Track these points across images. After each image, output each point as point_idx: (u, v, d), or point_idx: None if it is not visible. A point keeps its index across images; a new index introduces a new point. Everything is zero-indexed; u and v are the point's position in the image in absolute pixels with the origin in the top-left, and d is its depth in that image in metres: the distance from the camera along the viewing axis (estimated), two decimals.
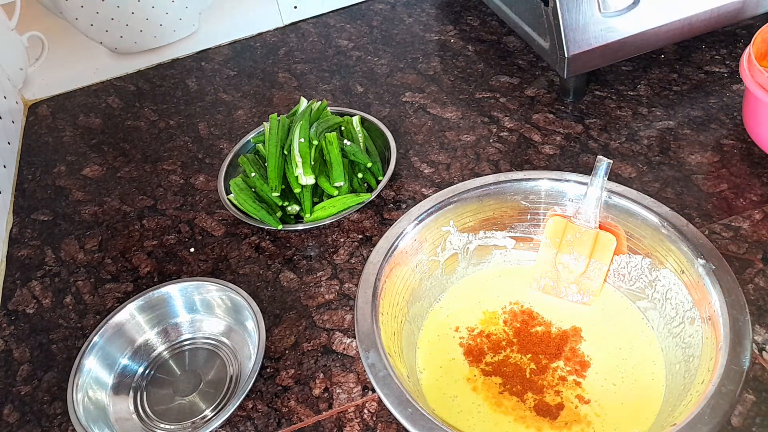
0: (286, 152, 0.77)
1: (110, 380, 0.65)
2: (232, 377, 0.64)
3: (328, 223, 0.74)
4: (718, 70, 0.85)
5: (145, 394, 0.65)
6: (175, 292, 0.69)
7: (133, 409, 0.64)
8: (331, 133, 0.78)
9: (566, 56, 0.76)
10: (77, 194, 0.88)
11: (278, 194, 0.75)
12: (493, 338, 0.62)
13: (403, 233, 0.63)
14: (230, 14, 1.07)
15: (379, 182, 0.77)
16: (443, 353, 0.61)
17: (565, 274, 0.64)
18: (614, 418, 0.55)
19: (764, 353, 0.57)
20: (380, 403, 0.60)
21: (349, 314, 0.67)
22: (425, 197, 0.67)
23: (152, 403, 0.64)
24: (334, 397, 0.61)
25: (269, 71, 1.02)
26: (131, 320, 0.68)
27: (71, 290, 0.75)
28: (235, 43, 1.09)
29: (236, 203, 0.76)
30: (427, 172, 0.80)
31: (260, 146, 0.83)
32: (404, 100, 0.91)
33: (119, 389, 0.65)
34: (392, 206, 0.77)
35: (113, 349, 0.66)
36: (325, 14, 1.11)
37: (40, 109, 1.04)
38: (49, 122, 1.01)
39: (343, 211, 0.74)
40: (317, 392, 0.61)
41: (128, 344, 0.67)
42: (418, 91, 0.92)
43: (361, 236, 0.74)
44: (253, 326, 0.64)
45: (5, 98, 0.98)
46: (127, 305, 0.67)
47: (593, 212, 0.62)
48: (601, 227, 0.63)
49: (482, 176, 0.67)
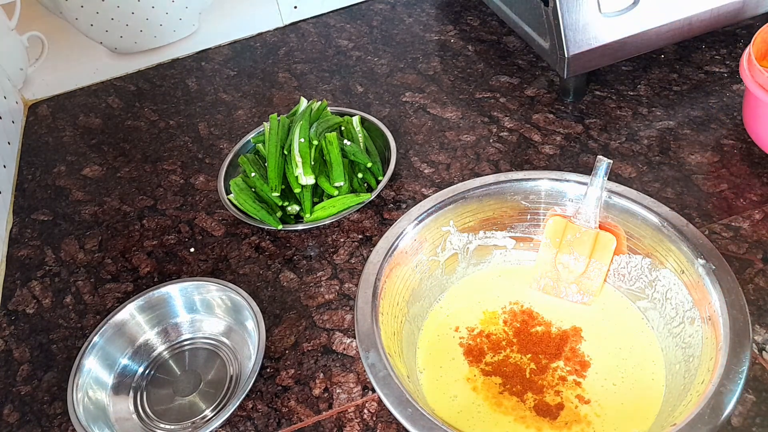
0: (286, 152, 0.77)
1: (110, 380, 0.65)
2: (232, 377, 0.64)
3: (328, 223, 0.74)
4: (718, 70, 0.85)
5: (145, 394, 0.65)
6: (175, 292, 0.69)
7: (133, 409, 0.64)
8: (331, 133, 0.78)
9: (566, 56, 0.76)
10: (77, 194, 0.88)
11: (278, 194, 0.75)
12: (493, 338, 0.62)
13: (403, 233, 0.63)
14: (230, 14, 1.07)
15: (379, 182, 0.77)
16: (443, 353, 0.61)
17: (565, 274, 0.64)
18: (614, 418, 0.55)
19: (764, 353, 0.57)
20: (380, 403, 0.60)
21: (349, 314, 0.67)
22: (425, 197, 0.67)
23: (152, 403, 0.64)
24: (334, 397, 0.61)
25: (269, 71, 1.02)
26: (131, 320, 0.68)
27: (71, 290, 0.75)
28: (235, 43, 1.09)
29: (236, 203, 0.76)
30: (427, 172, 0.80)
31: (260, 146, 0.83)
32: (404, 100, 0.91)
33: (119, 389, 0.65)
34: (392, 206, 0.77)
35: (113, 349, 0.66)
36: (325, 14, 1.11)
37: (40, 109, 1.04)
38: (49, 122, 1.01)
39: (343, 211, 0.74)
40: (317, 392, 0.61)
41: (128, 344, 0.67)
42: (418, 91, 0.92)
43: (361, 236, 0.74)
44: (253, 326, 0.64)
45: (5, 98, 0.98)
46: (127, 305, 0.68)
47: (593, 212, 0.62)
48: (601, 227, 0.63)
49: (482, 176, 0.67)
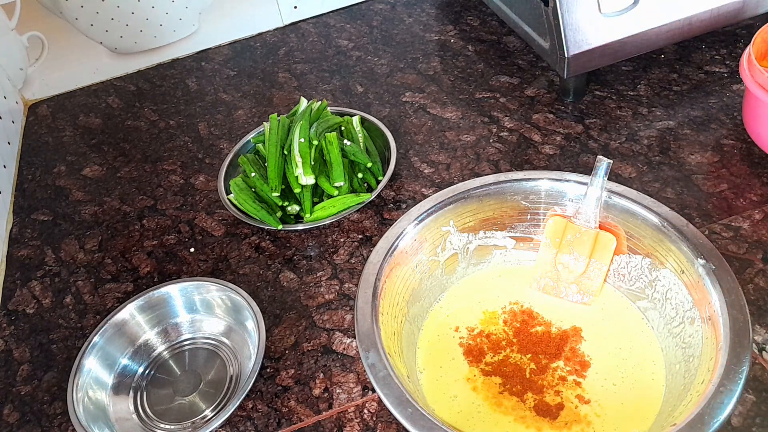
0: (286, 152, 0.77)
1: (110, 380, 0.65)
2: (232, 377, 0.64)
3: (328, 223, 0.74)
4: (718, 70, 0.85)
5: (145, 394, 0.65)
6: (175, 292, 0.69)
7: (133, 409, 0.64)
8: (331, 133, 0.78)
9: (566, 56, 0.76)
10: (77, 194, 0.88)
11: (278, 194, 0.75)
12: (493, 338, 0.62)
13: (403, 233, 0.63)
14: (230, 14, 1.07)
15: (379, 182, 0.77)
16: (443, 353, 0.61)
17: (565, 274, 0.64)
18: (614, 418, 0.55)
19: (764, 353, 0.57)
20: (380, 403, 0.60)
21: (349, 314, 0.67)
22: (425, 197, 0.67)
23: (152, 403, 0.64)
24: (334, 397, 0.61)
25: (269, 71, 1.02)
26: (131, 320, 0.68)
27: (71, 290, 0.75)
28: (235, 43, 1.09)
29: (236, 203, 0.76)
30: (427, 172, 0.80)
31: (260, 146, 0.83)
32: (404, 100, 0.91)
33: (119, 389, 0.65)
34: (392, 206, 0.77)
35: (113, 349, 0.66)
36: (325, 14, 1.11)
37: (40, 109, 1.04)
38: (49, 122, 1.01)
39: (343, 211, 0.74)
40: (317, 392, 0.61)
41: (128, 344, 0.67)
42: (418, 91, 0.92)
43: (361, 236, 0.74)
44: (253, 326, 0.64)
45: (5, 98, 0.98)
46: (127, 305, 0.67)
47: (593, 212, 0.62)
48: (601, 227, 0.63)
49: (482, 176, 0.67)
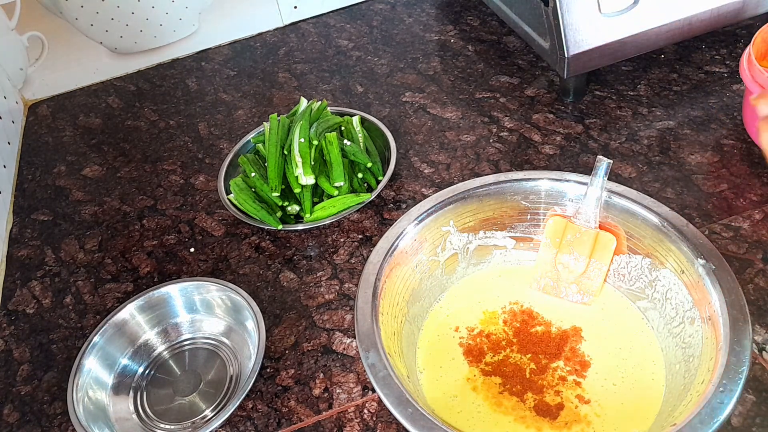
0: (286, 152, 0.77)
1: (110, 380, 0.65)
2: (232, 377, 0.64)
3: (328, 223, 0.74)
4: (718, 70, 0.85)
5: (145, 394, 0.65)
6: (175, 292, 0.69)
7: (133, 409, 0.64)
8: (331, 133, 0.78)
9: (566, 56, 0.76)
10: (77, 194, 0.88)
11: (278, 194, 0.75)
12: (492, 338, 0.62)
13: (403, 233, 0.63)
14: (230, 14, 1.07)
15: (379, 182, 0.77)
16: (443, 353, 0.61)
17: (565, 274, 0.64)
18: (614, 418, 0.55)
19: (764, 353, 0.57)
20: (380, 403, 0.59)
21: (349, 314, 0.67)
22: (425, 197, 0.67)
23: (152, 403, 0.64)
24: (334, 397, 0.61)
25: (269, 71, 1.02)
26: (131, 320, 0.68)
27: (71, 290, 0.75)
28: (235, 43, 1.09)
29: (236, 203, 0.76)
30: (427, 172, 0.80)
31: (260, 146, 0.83)
32: (404, 100, 0.91)
33: (119, 389, 0.65)
34: (392, 206, 0.77)
35: (113, 349, 0.66)
36: (325, 14, 1.11)
37: (40, 109, 1.04)
38: (49, 122, 1.01)
39: (343, 211, 0.74)
40: (317, 392, 0.61)
41: (128, 344, 0.67)
42: (418, 91, 0.92)
43: (361, 236, 0.74)
44: (253, 326, 0.64)
45: (5, 98, 0.98)
46: (127, 305, 0.67)
47: (593, 212, 0.62)
48: (601, 227, 0.63)
49: (482, 176, 0.67)
